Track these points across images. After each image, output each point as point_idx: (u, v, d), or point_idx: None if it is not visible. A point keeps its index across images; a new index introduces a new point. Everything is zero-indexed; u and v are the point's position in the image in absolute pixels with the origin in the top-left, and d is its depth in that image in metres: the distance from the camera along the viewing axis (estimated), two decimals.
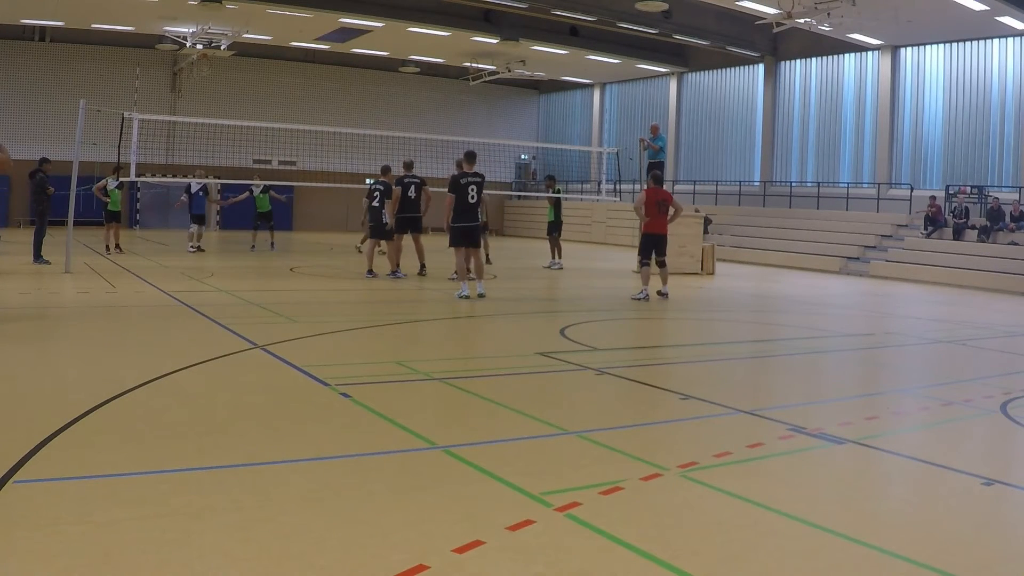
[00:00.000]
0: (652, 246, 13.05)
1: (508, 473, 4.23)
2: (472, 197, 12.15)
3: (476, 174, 12.34)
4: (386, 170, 14.85)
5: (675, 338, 10.47)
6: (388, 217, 14.48)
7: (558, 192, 19.16)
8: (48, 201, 15.15)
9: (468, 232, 12.22)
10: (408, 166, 15.17)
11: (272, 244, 20.60)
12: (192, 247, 18.86)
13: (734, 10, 22.98)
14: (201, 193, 18.88)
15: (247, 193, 20.44)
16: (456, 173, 12.43)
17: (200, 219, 19.11)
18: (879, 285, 18.74)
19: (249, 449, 4.64)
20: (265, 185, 20.43)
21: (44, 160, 15.27)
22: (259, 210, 20.39)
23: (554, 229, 18.86)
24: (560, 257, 18.70)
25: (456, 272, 14.42)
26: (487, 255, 18.26)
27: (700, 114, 32.12)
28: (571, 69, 33.93)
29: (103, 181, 18.01)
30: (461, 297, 12.03)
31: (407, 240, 15.19)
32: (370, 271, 14.71)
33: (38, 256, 14.90)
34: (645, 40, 28.67)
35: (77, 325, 9.01)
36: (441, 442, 4.76)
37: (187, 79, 31.07)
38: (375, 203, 14.63)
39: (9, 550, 3.15)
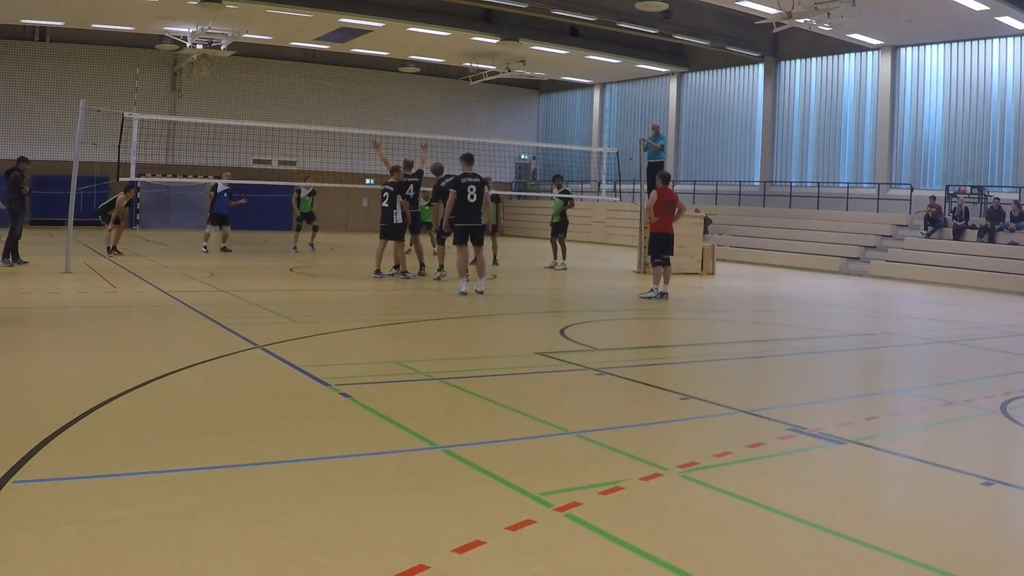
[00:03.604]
0: (662, 245, 13.16)
1: (508, 473, 4.23)
2: (472, 197, 12.46)
3: (475, 175, 12.68)
4: (395, 170, 14.82)
5: (675, 338, 10.47)
6: (399, 217, 14.47)
7: (566, 192, 18.95)
8: (21, 201, 14.55)
9: (471, 231, 12.58)
10: (408, 165, 15.20)
11: (312, 244, 20.66)
12: (205, 247, 18.91)
13: (734, 10, 22.98)
14: (225, 195, 18.94)
15: (295, 193, 20.76)
16: (458, 174, 12.74)
17: (221, 219, 19.14)
18: (879, 285, 18.74)
19: (249, 449, 4.64)
20: (314, 187, 20.76)
21: (22, 159, 14.75)
22: (302, 211, 20.65)
23: (560, 230, 18.67)
24: (565, 258, 18.68)
25: (440, 269, 14.59)
26: (495, 256, 18.33)
27: (700, 114, 32.12)
28: (571, 69, 33.93)
29: (120, 200, 17.92)
30: (461, 293, 12.33)
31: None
32: (400, 268, 14.87)
33: (6, 256, 14.32)
34: (645, 40, 28.66)
35: (77, 325, 9.01)
36: (441, 442, 4.76)
37: (187, 79, 31.05)
38: (384, 203, 14.54)
39: (9, 550, 3.15)
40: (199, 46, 27.29)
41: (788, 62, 28.44)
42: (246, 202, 19.64)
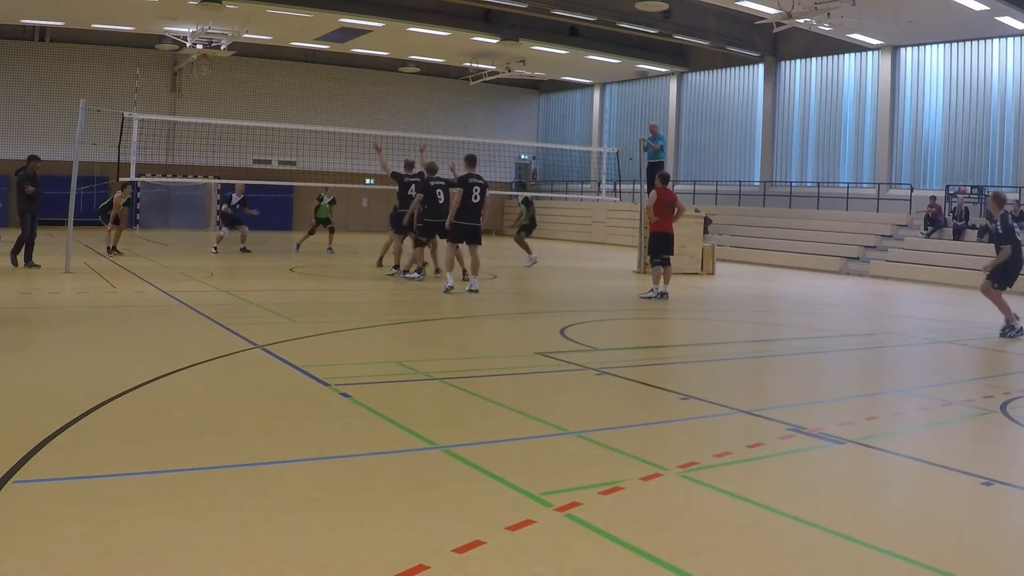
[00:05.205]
0: (662, 245, 13.17)
1: (508, 473, 4.23)
2: (476, 197, 12.62)
3: (479, 176, 12.87)
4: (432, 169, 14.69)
5: (675, 338, 10.47)
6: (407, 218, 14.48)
7: (529, 203, 20.06)
8: (27, 202, 14.11)
9: (471, 231, 12.73)
10: (410, 166, 15.23)
11: (331, 248, 20.71)
12: (216, 248, 19.01)
13: (734, 10, 22.97)
14: (238, 206, 19.15)
15: (316, 201, 21.01)
16: (463, 173, 12.87)
17: (236, 222, 19.29)
18: (879, 285, 18.74)
19: (249, 449, 4.64)
20: (334, 197, 21.15)
21: (32, 157, 14.31)
22: (318, 216, 20.86)
23: (531, 230, 19.82)
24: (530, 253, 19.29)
25: (437, 269, 14.56)
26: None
27: (700, 114, 32.11)
28: (571, 69, 33.91)
29: (118, 199, 17.98)
30: (447, 290, 12.40)
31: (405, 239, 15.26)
32: (401, 268, 14.92)
33: (14, 257, 14.13)
34: (645, 40, 28.66)
35: (77, 325, 9.00)
36: (441, 442, 4.76)
37: (187, 79, 31.05)
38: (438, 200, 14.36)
39: (9, 550, 3.15)
40: (199, 46, 27.28)
41: (788, 62, 28.43)
42: (257, 213, 19.71)
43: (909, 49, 24.87)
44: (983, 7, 19.75)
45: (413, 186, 14.80)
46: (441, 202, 13.86)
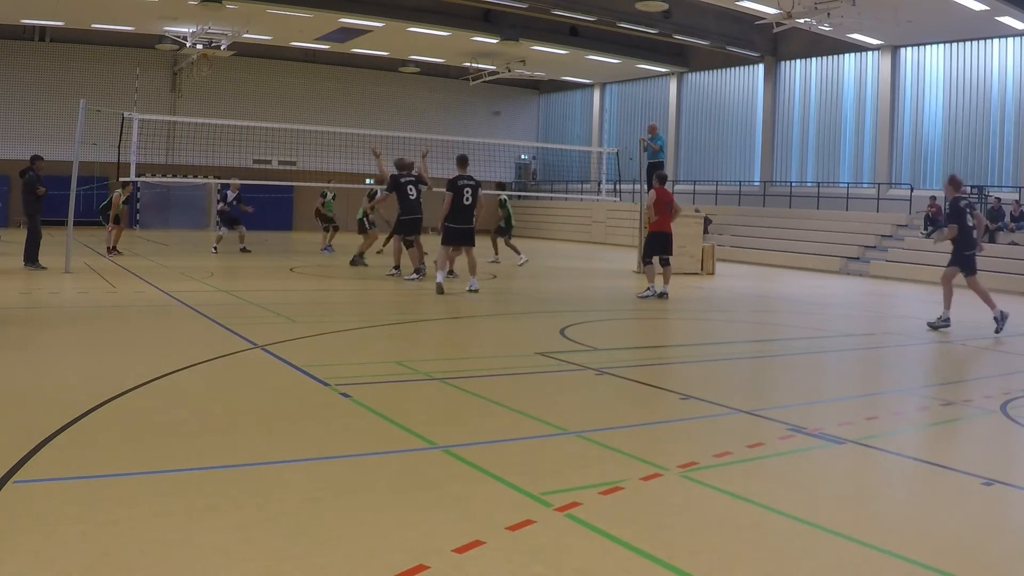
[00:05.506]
0: (660, 244, 13.15)
1: (508, 473, 4.23)
2: (467, 199, 12.47)
3: (470, 177, 12.78)
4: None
5: (675, 338, 10.47)
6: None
7: (504, 203, 20.16)
8: (37, 202, 14.15)
9: (464, 233, 12.69)
10: (410, 167, 15.20)
11: (330, 246, 20.72)
12: (215, 248, 19.03)
13: (734, 10, 22.98)
14: (234, 202, 19.18)
15: (321, 198, 21.27)
16: (455, 176, 12.89)
17: (234, 221, 19.34)
18: (879, 285, 18.74)
19: (249, 449, 4.64)
20: (335, 193, 21.45)
21: (36, 157, 14.30)
22: (327, 212, 21.09)
23: (509, 231, 19.90)
24: (497, 254, 19.48)
25: (415, 271, 14.49)
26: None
27: (700, 114, 32.12)
28: (571, 69, 33.92)
29: (117, 197, 18.06)
30: (439, 285, 12.40)
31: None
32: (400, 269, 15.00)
33: (31, 260, 14.11)
34: (645, 40, 28.66)
35: (77, 325, 9.00)
36: (441, 442, 4.76)
37: (187, 79, 31.06)
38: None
39: (9, 550, 3.15)
40: (199, 46, 27.28)
41: (788, 62, 28.43)
42: (252, 210, 19.75)
43: (909, 49, 24.87)
44: (983, 7, 19.75)
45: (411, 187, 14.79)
46: (413, 198, 13.93)
